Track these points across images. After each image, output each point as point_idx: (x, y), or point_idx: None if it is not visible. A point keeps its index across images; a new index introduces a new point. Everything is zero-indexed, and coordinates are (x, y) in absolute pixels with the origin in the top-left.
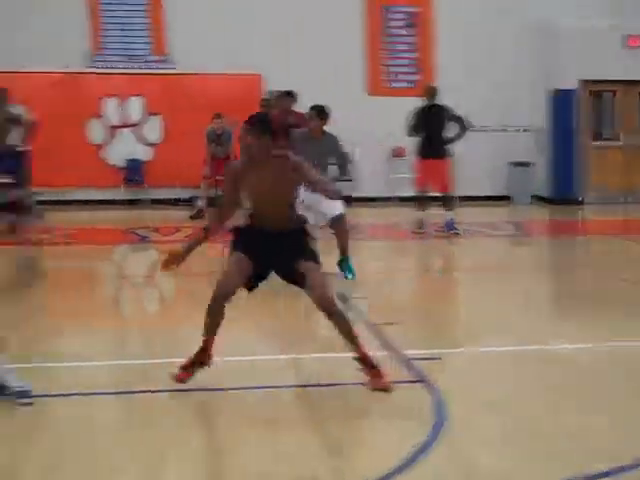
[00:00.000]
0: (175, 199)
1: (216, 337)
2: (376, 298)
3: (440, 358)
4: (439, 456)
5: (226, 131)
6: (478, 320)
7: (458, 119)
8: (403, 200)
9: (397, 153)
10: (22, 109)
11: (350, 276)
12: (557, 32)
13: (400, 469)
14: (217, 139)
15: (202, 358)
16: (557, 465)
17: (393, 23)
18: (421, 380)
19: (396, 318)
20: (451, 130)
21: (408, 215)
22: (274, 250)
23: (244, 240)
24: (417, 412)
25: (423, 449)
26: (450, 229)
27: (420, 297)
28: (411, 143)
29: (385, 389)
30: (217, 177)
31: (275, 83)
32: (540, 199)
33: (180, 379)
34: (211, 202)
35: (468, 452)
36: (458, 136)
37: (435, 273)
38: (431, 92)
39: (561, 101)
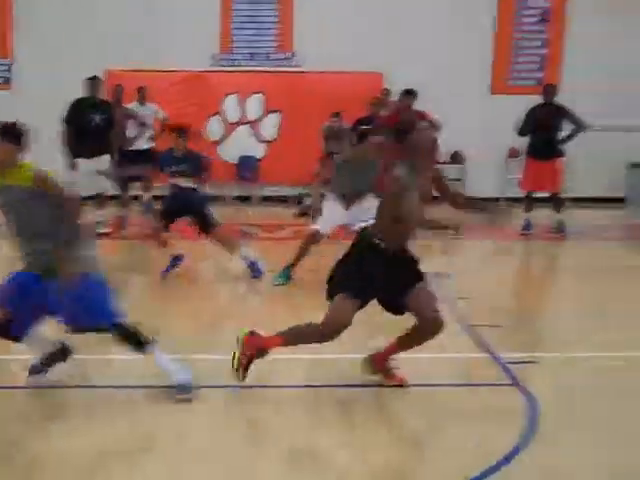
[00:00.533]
0: (284, 197)
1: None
2: (479, 299)
3: (538, 362)
4: (527, 465)
5: (344, 131)
6: (579, 325)
7: (574, 119)
8: (515, 200)
9: (511, 153)
10: (154, 107)
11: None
12: None
13: (492, 470)
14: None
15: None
16: None
17: (525, 19)
18: (516, 384)
19: (497, 320)
20: (566, 130)
21: (516, 216)
22: (391, 277)
23: (363, 272)
24: (508, 416)
25: (513, 453)
26: (559, 231)
27: (522, 299)
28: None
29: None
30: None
31: (397, 82)
32: None
33: None
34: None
35: (558, 462)
36: (571, 136)
37: (539, 275)
38: (549, 91)
39: None
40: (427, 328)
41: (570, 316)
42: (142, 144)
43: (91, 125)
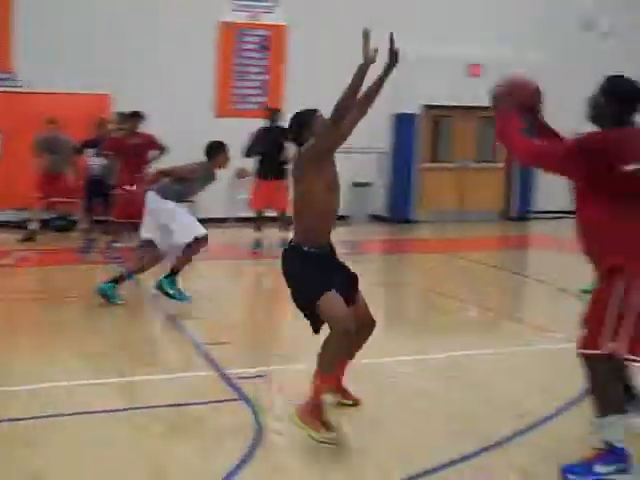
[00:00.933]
0: (6, 222)
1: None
2: (210, 318)
3: (265, 376)
4: (255, 472)
5: (62, 139)
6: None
7: None
8: (243, 220)
9: (240, 174)
10: None
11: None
12: (402, 59)
13: None
14: (51, 147)
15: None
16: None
17: (245, 46)
18: (242, 398)
19: (227, 337)
20: (291, 151)
21: (247, 235)
22: (340, 272)
23: (322, 271)
24: (237, 430)
25: (239, 467)
26: None
27: (252, 316)
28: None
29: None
30: (52, 198)
31: (125, 104)
32: (378, 218)
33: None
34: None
35: (281, 464)
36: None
37: (270, 292)
38: (274, 114)
39: (403, 124)
40: (369, 327)
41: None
42: None
43: None
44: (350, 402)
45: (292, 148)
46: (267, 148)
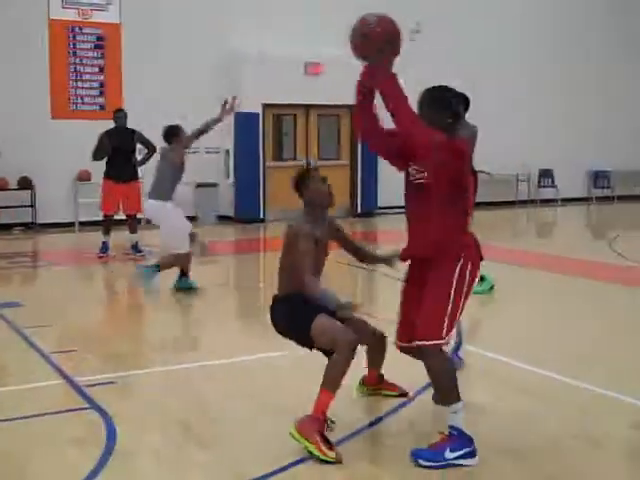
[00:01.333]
0: None
1: None
2: (55, 325)
3: (115, 382)
4: (107, 477)
5: None
6: (156, 341)
7: (146, 142)
8: (88, 224)
9: (82, 177)
10: None
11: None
12: (240, 59)
13: None
14: None
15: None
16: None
17: (79, 45)
18: (93, 406)
19: (73, 345)
20: (140, 153)
21: (94, 239)
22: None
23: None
24: (89, 438)
25: (92, 476)
26: (137, 251)
27: (99, 322)
28: (99, 166)
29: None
30: None
31: None
32: (226, 218)
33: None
34: None
35: (135, 469)
36: (146, 159)
37: (118, 297)
38: (120, 115)
39: (245, 124)
40: (380, 341)
41: (149, 333)
42: None
43: None
44: (396, 393)
45: (143, 150)
46: (116, 150)
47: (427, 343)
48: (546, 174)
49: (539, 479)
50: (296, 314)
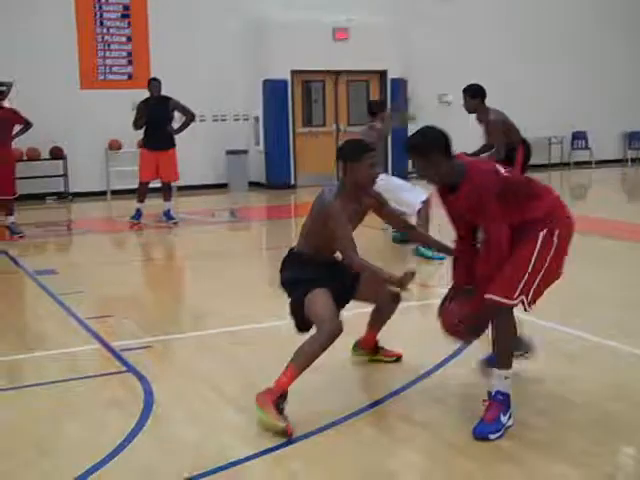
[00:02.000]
0: None
1: None
2: (90, 292)
3: (152, 346)
4: (145, 439)
5: None
6: (190, 306)
7: (183, 109)
8: (120, 193)
9: (113, 146)
10: None
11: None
12: (268, 25)
13: (106, 461)
14: None
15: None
16: (238, 441)
17: (106, 15)
18: (130, 370)
19: (109, 311)
20: (178, 121)
21: (126, 207)
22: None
23: (315, 272)
24: (127, 401)
25: (131, 436)
26: (169, 218)
27: (134, 288)
28: (129, 135)
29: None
30: None
31: None
32: (257, 185)
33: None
34: None
35: (173, 431)
36: (183, 127)
37: (150, 263)
38: (155, 85)
39: (273, 91)
40: (392, 303)
41: (182, 299)
42: None
43: None
44: (393, 358)
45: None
46: (152, 119)
47: (495, 298)
48: (579, 136)
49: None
50: (301, 277)
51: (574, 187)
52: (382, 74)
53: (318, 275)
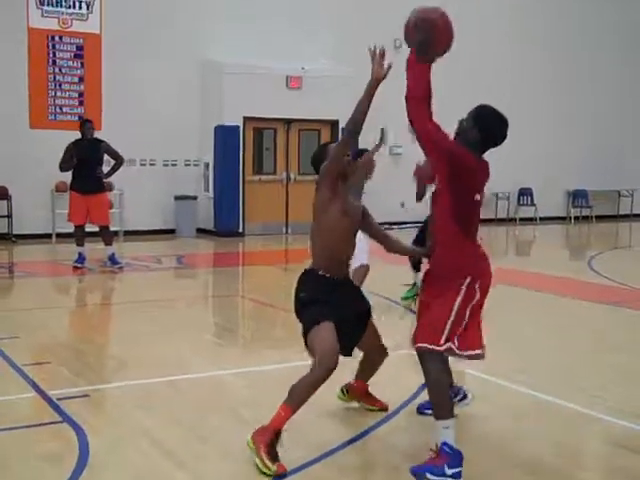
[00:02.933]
0: None
1: None
2: (28, 337)
3: (89, 395)
4: None
5: None
6: (131, 354)
7: (115, 153)
8: (65, 236)
9: (60, 188)
10: None
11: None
12: (221, 71)
13: None
14: None
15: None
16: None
17: (59, 54)
18: (66, 420)
19: (47, 357)
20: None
21: (71, 251)
22: (349, 306)
23: (327, 299)
24: (62, 453)
25: None
26: (114, 263)
27: (74, 333)
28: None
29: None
30: None
31: None
32: (205, 231)
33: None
34: None
35: None
36: (113, 170)
37: (92, 308)
38: (87, 126)
39: (225, 136)
40: (381, 356)
41: (121, 346)
42: None
43: None
44: (377, 408)
45: (110, 161)
46: (82, 161)
47: (422, 346)
48: (525, 192)
49: None
50: (309, 306)
51: (519, 243)
52: (333, 124)
53: (325, 302)
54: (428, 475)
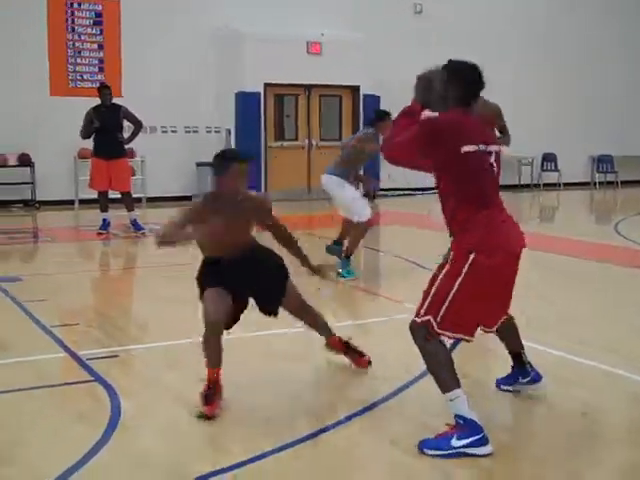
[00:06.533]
0: None
1: None
2: (56, 300)
3: (118, 356)
4: (111, 452)
5: None
6: (156, 316)
7: (133, 118)
8: (89, 202)
9: (82, 154)
10: None
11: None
12: (242, 38)
13: (71, 471)
14: None
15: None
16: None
17: (78, 21)
18: (97, 379)
19: (75, 319)
20: (128, 130)
21: (94, 217)
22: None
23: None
24: (92, 412)
25: (96, 448)
26: (137, 228)
27: (101, 296)
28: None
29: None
30: None
31: None
32: None
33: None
34: None
35: (140, 445)
36: (133, 136)
37: (116, 272)
38: (105, 92)
39: (246, 103)
40: (308, 313)
41: (146, 309)
42: None
43: None
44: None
45: (130, 127)
46: (102, 127)
47: (417, 320)
48: (549, 158)
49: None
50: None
51: (543, 208)
52: (355, 90)
53: (217, 275)
54: (425, 450)
